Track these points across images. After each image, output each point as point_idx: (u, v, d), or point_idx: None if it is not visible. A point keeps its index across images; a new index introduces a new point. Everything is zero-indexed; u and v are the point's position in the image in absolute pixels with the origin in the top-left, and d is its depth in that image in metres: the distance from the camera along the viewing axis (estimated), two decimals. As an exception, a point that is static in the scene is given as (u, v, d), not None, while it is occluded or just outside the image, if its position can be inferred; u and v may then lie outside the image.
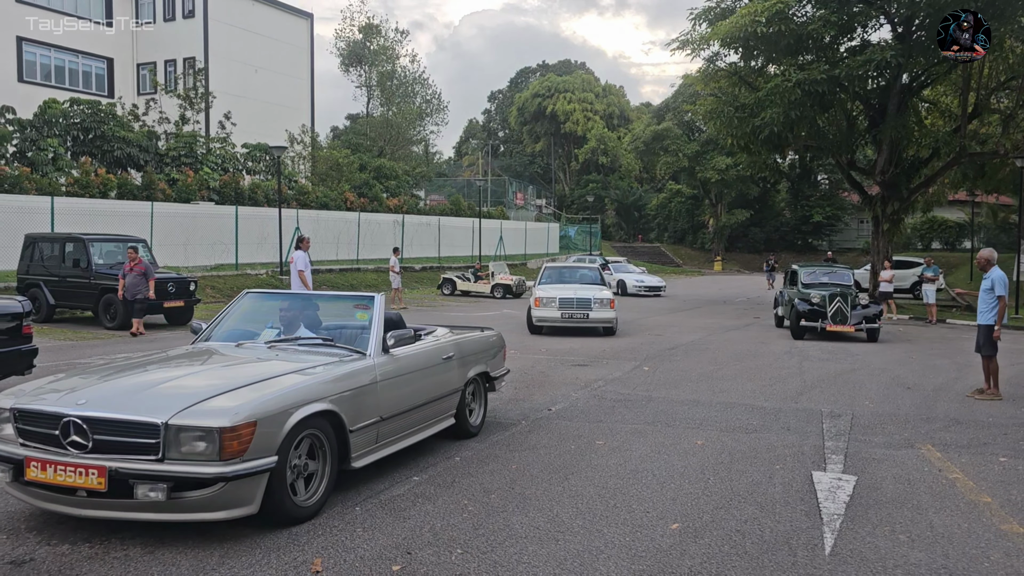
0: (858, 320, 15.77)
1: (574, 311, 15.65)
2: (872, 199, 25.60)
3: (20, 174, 22.23)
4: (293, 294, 7.05)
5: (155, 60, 39.34)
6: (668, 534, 4.73)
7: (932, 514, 5.20)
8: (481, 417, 7.37)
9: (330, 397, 4.98)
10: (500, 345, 7.93)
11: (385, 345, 5.83)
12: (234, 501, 4.32)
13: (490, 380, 7.60)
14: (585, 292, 16.07)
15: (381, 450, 5.65)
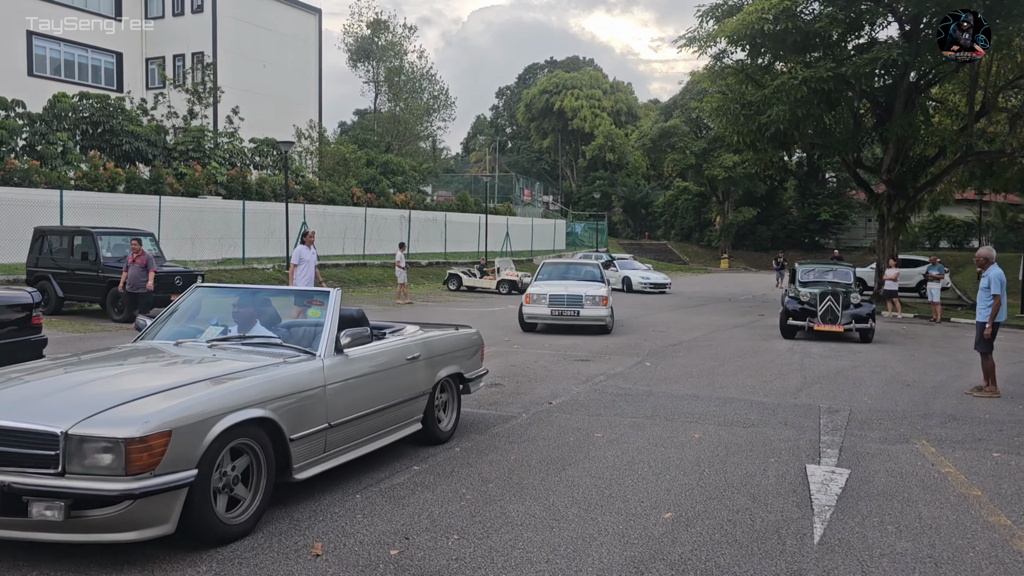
0: (848, 320, 15.26)
1: (564, 308, 15.23)
2: (878, 197, 25.62)
3: (30, 167, 22.44)
4: (245, 289, 6.45)
5: (164, 55, 39.56)
6: (660, 523, 4.83)
7: (922, 506, 5.29)
8: (453, 422, 6.91)
9: (266, 402, 4.52)
10: (476, 344, 7.49)
11: (338, 345, 5.37)
12: (145, 520, 3.87)
13: (464, 382, 7.13)
14: (577, 289, 15.61)
15: (331, 459, 5.18)
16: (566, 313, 15.17)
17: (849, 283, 16.60)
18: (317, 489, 5.29)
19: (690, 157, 56.29)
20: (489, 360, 11.72)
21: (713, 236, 62.39)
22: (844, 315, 15.30)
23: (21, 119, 24.64)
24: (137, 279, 14.89)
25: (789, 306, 15.85)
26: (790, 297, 16.23)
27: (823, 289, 15.70)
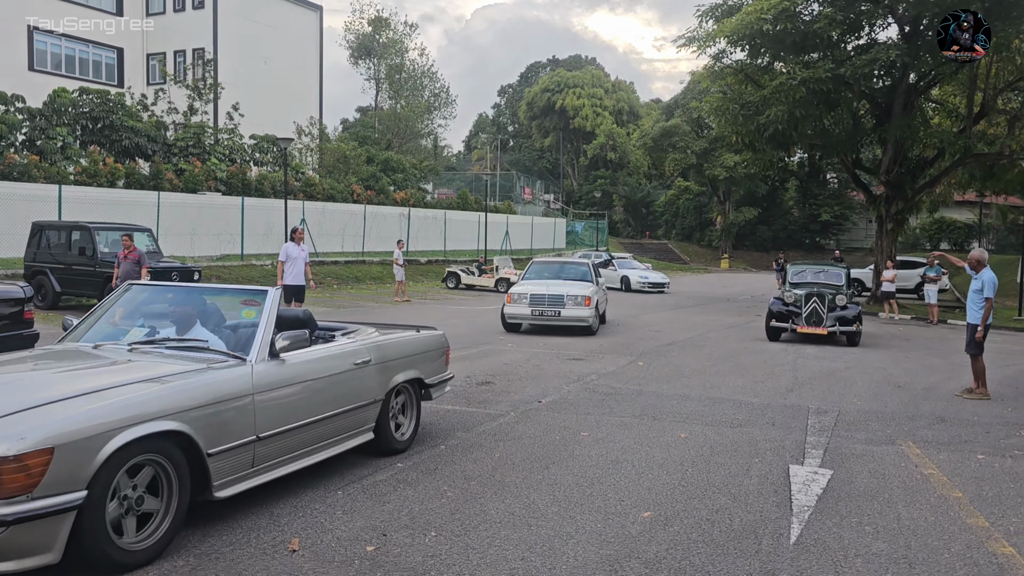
0: (833, 322, 14.78)
1: (545, 308, 14.81)
2: (876, 198, 25.61)
3: (29, 162, 22.48)
4: (180, 287, 6.08)
5: (165, 51, 39.60)
6: (639, 521, 4.85)
7: (901, 507, 5.31)
8: (412, 430, 6.49)
9: (179, 413, 4.09)
10: (440, 347, 7.02)
11: (274, 349, 4.94)
12: (22, 548, 3.46)
13: (425, 387, 6.66)
14: (560, 288, 15.16)
15: (262, 474, 4.76)
16: (546, 313, 14.79)
17: (839, 284, 16.07)
18: (299, 485, 5.32)
19: (691, 157, 56.27)
20: (482, 358, 11.81)
21: (714, 236, 62.38)
22: (829, 317, 14.85)
23: (21, 114, 24.68)
24: (129, 275, 14.57)
25: (773, 307, 15.49)
26: (775, 298, 15.94)
27: (809, 290, 15.26)
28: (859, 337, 15.04)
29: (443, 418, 7.61)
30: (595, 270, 17.10)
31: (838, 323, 14.79)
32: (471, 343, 13.56)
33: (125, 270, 14.66)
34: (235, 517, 4.67)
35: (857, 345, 14.79)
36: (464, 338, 14.14)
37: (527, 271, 17.03)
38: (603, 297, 17.04)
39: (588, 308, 14.82)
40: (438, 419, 7.55)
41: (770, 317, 15.36)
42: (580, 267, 17.01)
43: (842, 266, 17.56)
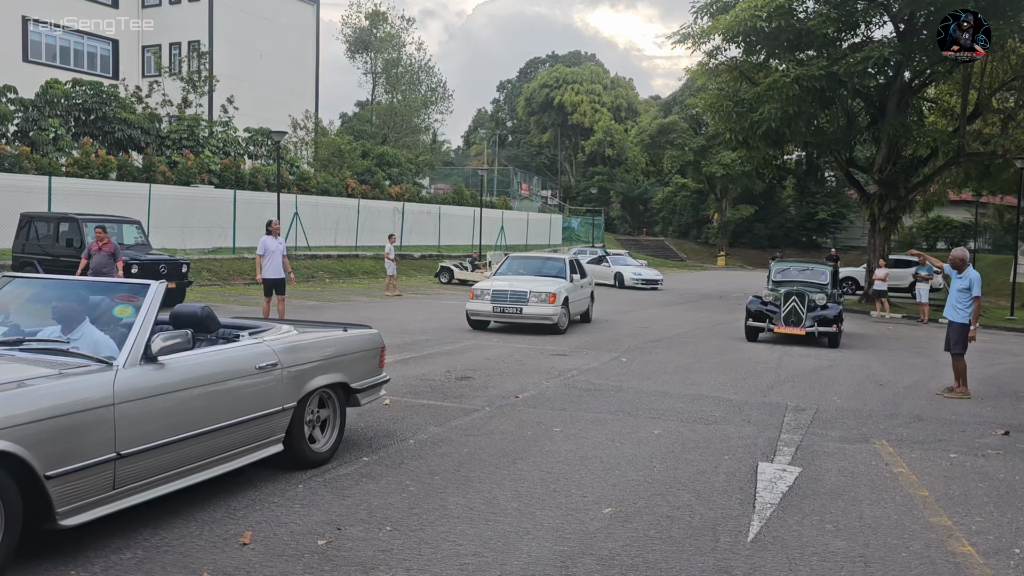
0: (812, 323, 14.17)
1: (506, 305, 14.15)
2: (870, 197, 25.57)
3: (20, 153, 22.42)
4: (59, 280, 5.23)
5: (160, 43, 39.48)
6: (599, 518, 4.82)
7: (865, 506, 5.28)
8: (333, 440, 5.82)
9: (7, 429, 3.45)
10: (373, 347, 6.33)
11: (149, 351, 4.28)
12: None
13: (351, 393, 6.00)
14: (524, 284, 14.50)
15: (127, 498, 4.09)
16: (508, 310, 14.17)
17: (824, 283, 15.42)
18: (259, 478, 5.30)
19: (688, 154, 56.22)
20: (465, 353, 11.78)
21: (711, 233, 62.35)
22: (808, 317, 14.24)
23: (13, 105, 24.60)
24: (101, 267, 14.08)
25: (751, 306, 14.92)
26: (753, 296, 15.40)
27: (788, 289, 14.75)
28: (839, 338, 14.40)
29: (416, 412, 7.58)
30: (575, 266, 16.50)
31: (816, 323, 14.19)
32: (456, 338, 13.54)
33: (98, 262, 14.09)
34: (190, 511, 4.64)
35: (837, 347, 14.14)
36: (450, 333, 14.12)
37: (501, 266, 16.55)
38: (584, 294, 16.46)
39: (552, 305, 14.12)
40: (411, 413, 7.52)
41: (747, 316, 14.89)
42: (555, 263, 16.29)
43: (830, 264, 16.89)
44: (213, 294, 20.17)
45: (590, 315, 17.12)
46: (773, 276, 16.14)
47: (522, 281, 14.87)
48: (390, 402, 7.96)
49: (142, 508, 4.57)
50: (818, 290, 14.94)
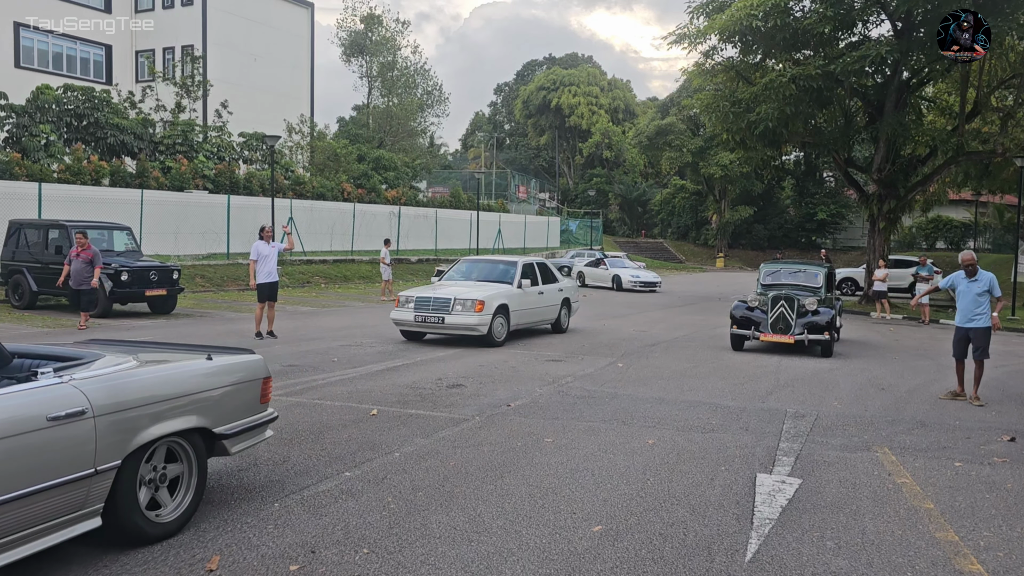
0: (801, 330, 13.04)
1: (428, 314, 12.85)
2: (869, 197, 25.35)
3: (11, 160, 22.18)
4: None
5: (154, 48, 39.23)
6: (587, 536, 4.59)
7: (868, 520, 5.04)
8: (187, 504, 4.51)
9: None
10: (247, 379, 5.02)
11: None
12: None
13: (216, 439, 4.70)
14: (450, 290, 13.27)
15: None
16: (430, 320, 12.85)
17: (817, 286, 14.44)
18: (235, 497, 5.07)
19: (687, 155, 55.97)
20: (457, 360, 11.55)
21: (709, 235, 62.09)
22: (798, 324, 13.11)
23: (3, 111, 24.37)
24: (80, 274, 13.95)
25: (735, 312, 13.73)
26: (738, 301, 14.15)
27: (776, 293, 13.57)
28: (832, 347, 13.39)
29: (404, 423, 7.35)
30: (532, 271, 14.84)
31: (807, 331, 13.04)
32: (450, 343, 13.30)
33: (76, 269, 13.94)
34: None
35: (830, 355, 13.17)
36: (443, 339, 13.88)
37: (451, 270, 15.35)
38: (546, 301, 15.00)
39: (479, 314, 12.68)
40: (398, 424, 7.29)
41: (732, 323, 13.73)
42: (504, 267, 14.79)
43: (824, 265, 15.76)
44: (206, 300, 19.94)
45: (563, 324, 15.72)
46: (762, 279, 15.18)
47: (453, 287, 13.68)
48: (377, 412, 7.73)
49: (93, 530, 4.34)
50: (810, 294, 13.90)
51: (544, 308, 14.97)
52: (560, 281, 15.86)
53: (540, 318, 14.97)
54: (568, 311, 16.06)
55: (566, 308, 15.90)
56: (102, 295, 15.72)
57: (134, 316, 16.50)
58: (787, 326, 13.19)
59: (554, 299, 15.35)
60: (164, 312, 17.00)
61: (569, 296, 16.09)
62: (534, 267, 15.02)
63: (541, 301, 14.81)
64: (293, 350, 11.91)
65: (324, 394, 8.63)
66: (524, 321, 14.26)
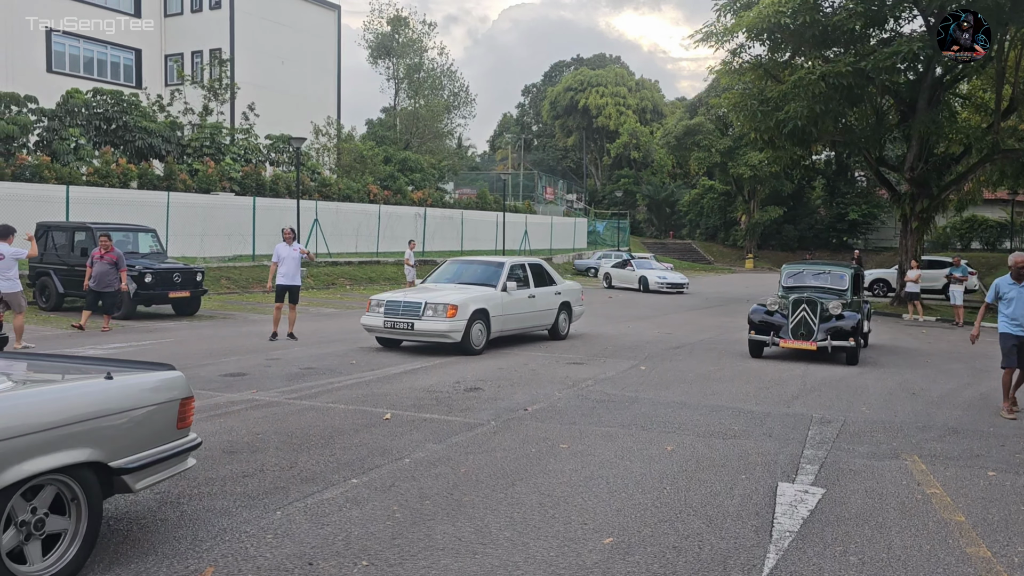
0: (824, 336, 12.22)
1: (397, 319, 11.93)
2: (901, 196, 24.82)
3: (40, 163, 22.45)
4: None
5: (182, 51, 39.64)
6: (597, 549, 4.40)
7: (894, 533, 4.80)
8: (72, 553, 3.76)
9: None
10: (160, 401, 4.22)
11: None
12: None
13: (114, 475, 3.91)
14: (422, 295, 12.24)
15: None
16: (399, 326, 11.91)
17: (843, 289, 13.47)
18: (236, 504, 4.95)
19: (715, 155, 55.42)
20: (477, 362, 11.40)
21: (739, 236, 61.40)
22: (820, 329, 12.28)
23: (34, 115, 24.69)
24: (104, 277, 13.87)
25: (754, 316, 12.89)
26: (757, 305, 13.35)
27: (798, 296, 12.68)
28: (858, 354, 12.49)
29: (417, 428, 7.21)
30: (522, 273, 13.75)
31: (830, 336, 12.23)
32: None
33: (100, 271, 13.91)
34: (154, 541, 4.30)
35: (856, 363, 12.28)
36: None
37: (434, 272, 14.30)
38: (538, 306, 13.84)
39: (451, 320, 11.70)
40: (411, 429, 7.15)
41: (750, 327, 12.91)
42: (490, 269, 13.62)
43: (852, 266, 14.61)
44: (231, 302, 20.01)
45: (561, 330, 14.61)
46: (783, 281, 14.22)
47: (430, 291, 12.79)
48: (391, 417, 7.60)
49: (104, 533, 4.25)
50: (835, 296, 12.98)
51: (536, 313, 13.85)
52: (558, 284, 14.77)
53: (532, 324, 13.85)
54: (568, 316, 14.96)
55: (565, 313, 14.81)
56: (126, 297, 15.82)
57: (158, 318, 16.57)
58: (809, 331, 12.36)
59: (549, 303, 14.25)
60: (188, 314, 17.07)
61: (569, 300, 14.99)
62: (525, 268, 13.94)
63: (532, 305, 13.69)
64: (312, 352, 11.84)
65: (338, 397, 8.52)
66: (510, 327, 13.17)
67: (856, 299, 13.56)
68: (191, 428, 4.51)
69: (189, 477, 5.46)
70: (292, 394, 8.56)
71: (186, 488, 5.24)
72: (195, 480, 5.41)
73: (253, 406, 7.96)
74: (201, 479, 5.45)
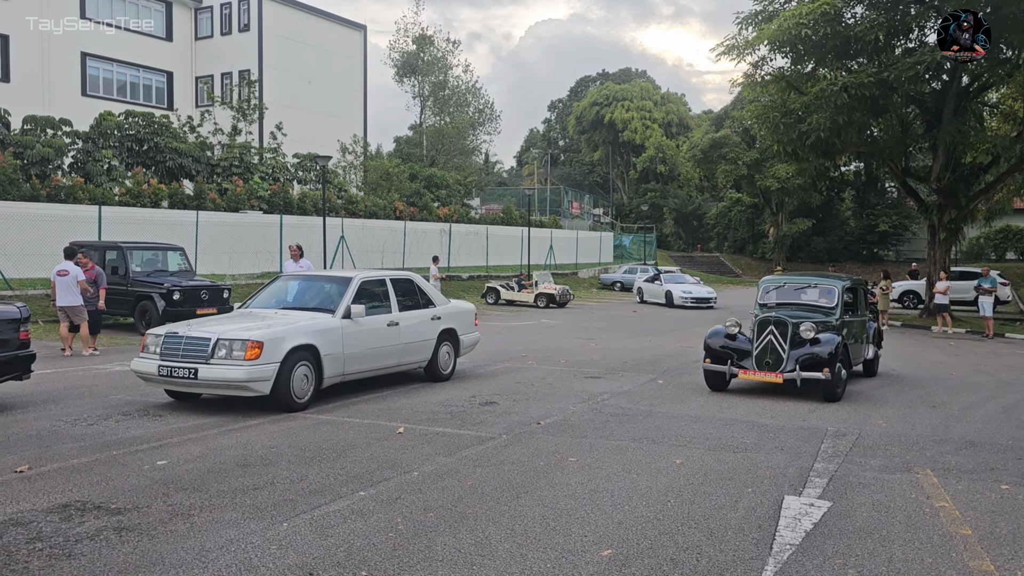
0: (793, 365, 9.90)
1: (176, 364, 8.41)
2: (928, 207, 24.54)
3: (74, 184, 23.01)
4: None
5: (212, 73, 40.41)
6: (595, 561, 4.45)
7: (897, 547, 4.78)
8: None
9: None
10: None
11: None
12: None
13: None
14: (219, 327, 8.76)
15: None
16: (178, 373, 8.37)
17: (830, 306, 11.04)
18: (245, 516, 5.06)
19: (742, 168, 55.11)
20: (496, 377, 11.48)
21: (767, 248, 60.89)
22: (791, 357, 9.99)
23: (68, 137, 25.33)
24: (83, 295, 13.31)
25: (711, 342, 10.71)
26: (716, 327, 11.11)
27: (765, 315, 10.46)
28: (837, 389, 9.92)
29: (429, 441, 7.29)
30: (389, 290, 10.44)
31: (798, 366, 9.88)
32: (491, 360, 13.25)
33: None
34: (163, 551, 4.42)
35: (836, 400, 9.91)
36: (486, 355, 13.83)
37: (259, 293, 10.62)
38: (414, 335, 10.52)
39: (249, 364, 8.19)
40: (423, 443, 7.23)
41: (706, 355, 10.73)
42: (332, 286, 10.14)
43: (846, 278, 12.00)
44: (256, 319, 20.28)
45: (441, 368, 11.02)
46: (760, 297, 11.86)
47: (232, 320, 9.32)
48: (404, 430, 7.70)
49: (115, 542, 4.38)
50: (821, 315, 10.81)
51: (401, 347, 10.28)
52: (437, 305, 11.20)
53: (394, 361, 10.27)
54: (453, 348, 11.34)
55: (449, 344, 11.22)
56: (155, 313, 16.15)
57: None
58: (777, 360, 10.07)
59: (421, 332, 10.68)
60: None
61: (454, 326, 11.35)
62: (386, 285, 10.47)
63: (394, 336, 10.16)
64: (332, 368, 11.98)
65: (354, 412, 8.65)
66: (358, 368, 9.64)
67: (848, 319, 11.23)
68: None
69: (203, 489, 5.59)
70: (308, 408, 8.69)
71: (198, 501, 5.37)
72: (208, 493, 5.54)
73: (269, 421, 8.10)
74: (213, 492, 5.58)
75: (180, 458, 6.51)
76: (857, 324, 11.70)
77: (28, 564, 4.21)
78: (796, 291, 11.76)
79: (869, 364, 12.41)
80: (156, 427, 7.73)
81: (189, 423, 7.93)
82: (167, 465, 6.28)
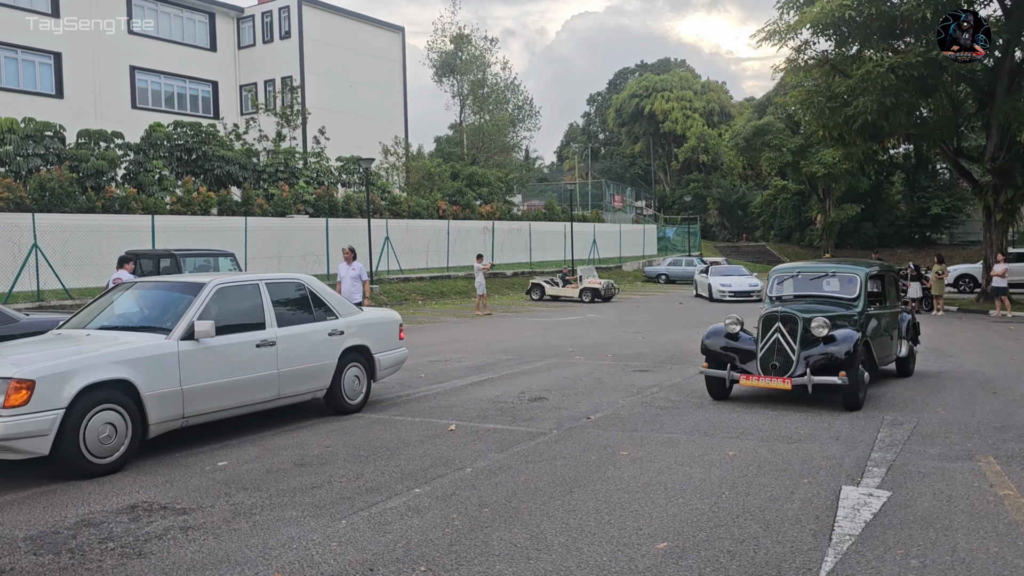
0: (803, 369, 8.58)
1: None
2: (983, 188, 23.89)
3: (128, 195, 23.64)
4: None
5: (256, 81, 41.13)
6: (651, 554, 4.45)
7: (960, 536, 4.69)
8: None
9: None
10: None
11: None
12: None
13: None
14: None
15: None
16: None
17: (851, 298, 9.68)
18: (305, 514, 5.17)
19: (787, 155, 54.19)
20: (543, 372, 11.52)
21: (814, 236, 59.84)
22: (802, 359, 8.67)
23: (120, 150, 26.01)
24: None
25: (710, 343, 9.36)
26: (715, 325, 9.69)
27: (771, 310, 9.18)
28: (858, 394, 8.52)
29: (480, 438, 7.35)
30: (262, 300, 7.82)
31: (809, 369, 8.56)
32: (538, 356, 13.28)
33: None
34: (228, 549, 4.55)
35: (859, 408, 8.52)
36: (533, 351, 13.88)
37: (91, 306, 7.95)
38: (302, 360, 7.98)
39: (8, 415, 5.70)
40: (475, 439, 7.30)
41: (705, 358, 9.46)
42: (173, 297, 7.55)
43: (872, 264, 10.69)
44: (306, 321, 20.60)
45: (348, 397, 8.56)
46: (770, 290, 10.64)
47: (28, 347, 6.76)
48: (455, 428, 7.77)
49: (182, 541, 4.52)
50: (841, 308, 9.49)
51: (278, 375, 7.75)
52: (340, 317, 8.63)
53: (271, 393, 7.73)
54: (366, 370, 8.89)
55: (359, 367, 8.76)
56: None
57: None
58: (786, 362, 8.75)
59: (314, 354, 8.19)
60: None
61: (366, 343, 8.85)
62: (259, 294, 7.86)
63: (268, 361, 7.65)
64: (382, 367, 12.13)
65: (406, 410, 8.75)
66: (208, 407, 7.12)
67: (871, 312, 9.82)
68: None
69: (263, 489, 5.73)
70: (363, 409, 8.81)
71: (259, 500, 5.50)
72: (268, 492, 5.67)
73: (324, 420, 8.24)
74: (273, 491, 5.71)
75: (239, 459, 6.67)
76: (886, 317, 10.24)
77: (101, 563, 4.37)
78: (812, 281, 10.35)
79: (903, 363, 10.81)
80: (212, 429, 7.92)
81: (244, 425, 8.10)
82: (227, 466, 6.44)
